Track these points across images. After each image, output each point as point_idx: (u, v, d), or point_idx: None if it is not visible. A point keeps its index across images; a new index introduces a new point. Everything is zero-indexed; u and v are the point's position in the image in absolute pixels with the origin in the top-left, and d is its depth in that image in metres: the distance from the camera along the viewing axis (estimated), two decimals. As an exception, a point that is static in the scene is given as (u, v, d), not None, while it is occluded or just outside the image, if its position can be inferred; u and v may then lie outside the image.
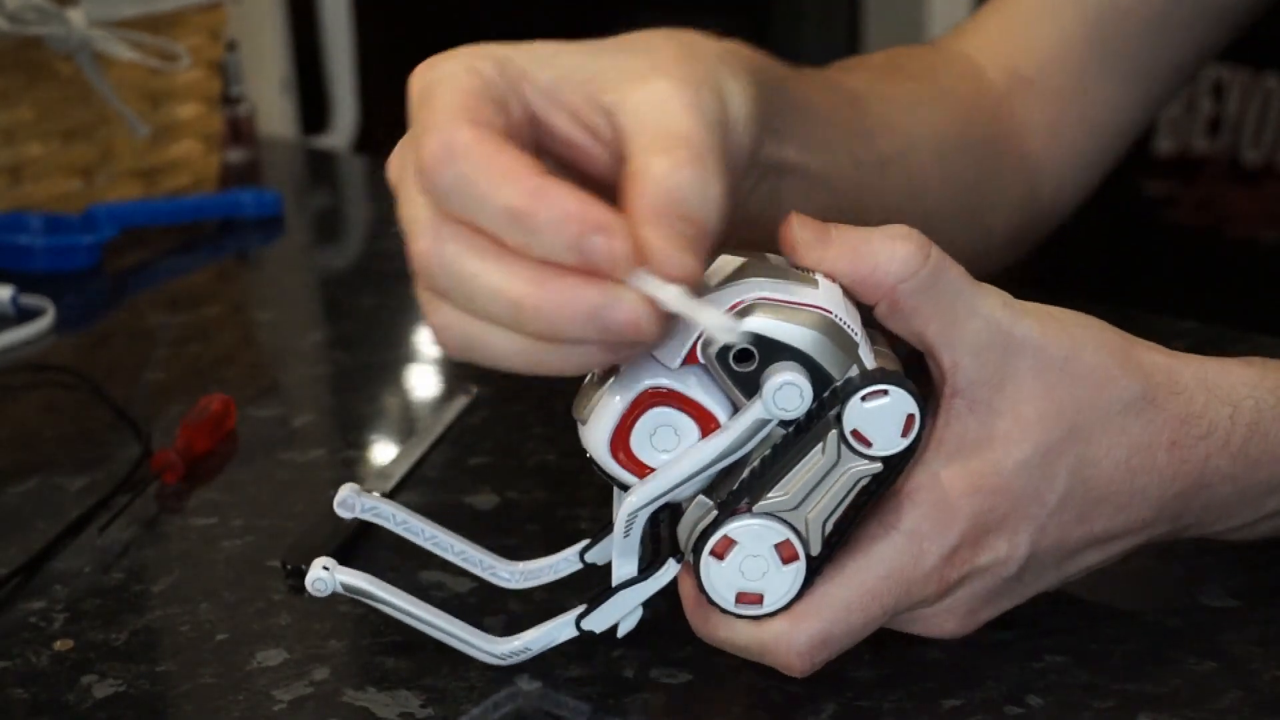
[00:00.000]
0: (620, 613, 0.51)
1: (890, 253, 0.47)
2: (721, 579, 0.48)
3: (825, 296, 0.46)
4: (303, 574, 0.58)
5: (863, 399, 0.46)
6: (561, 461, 0.68)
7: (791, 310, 0.46)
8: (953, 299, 0.48)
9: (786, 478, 0.47)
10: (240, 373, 0.83)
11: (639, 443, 0.47)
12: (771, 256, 0.49)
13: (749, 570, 0.48)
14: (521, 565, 0.54)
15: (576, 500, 0.63)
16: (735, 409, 0.47)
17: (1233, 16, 0.76)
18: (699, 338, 0.46)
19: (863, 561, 0.48)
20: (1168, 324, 0.79)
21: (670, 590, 0.50)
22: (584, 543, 0.53)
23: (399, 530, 0.53)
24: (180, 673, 0.54)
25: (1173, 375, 0.50)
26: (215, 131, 1.12)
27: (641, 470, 0.48)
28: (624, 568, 0.50)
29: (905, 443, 0.46)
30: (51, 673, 0.53)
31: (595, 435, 0.48)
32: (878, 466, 0.47)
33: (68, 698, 0.52)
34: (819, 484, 0.47)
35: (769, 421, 0.46)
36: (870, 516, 0.48)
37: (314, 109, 1.64)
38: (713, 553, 0.48)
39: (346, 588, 0.51)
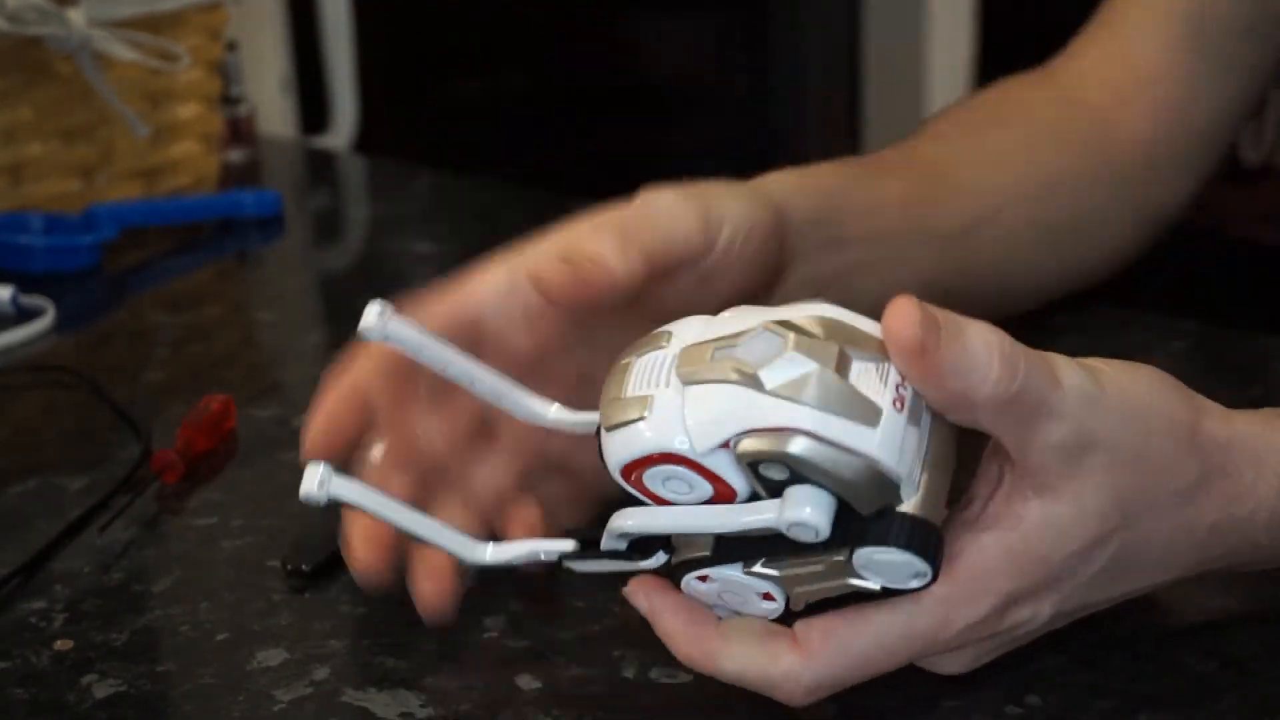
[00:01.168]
0: (597, 569, 0.50)
1: (983, 376, 0.44)
2: (699, 596, 0.48)
3: (882, 436, 0.44)
4: (303, 574, 0.58)
5: (870, 551, 0.45)
6: (561, 461, 0.67)
7: (842, 453, 0.43)
8: (1035, 408, 0.45)
9: (787, 562, 0.46)
10: (240, 373, 0.83)
11: (652, 479, 0.46)
12: (836, 316, 0.46)
13: (728, 598, 0.48)
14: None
15: (576, 500, 0.63)
16: (754, 495, 0.46)
17: None
18: (734, 439, 0.44)
19: (888, 618, 0.47)
20: (1168, 324, 0.79)
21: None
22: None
23: (424, 358, 0.50)
24: (180, 673, 0.54)
25: (1228, 455, 0.49)
26: (215, 131, 1.12)
27: (646, 493, 0.47)
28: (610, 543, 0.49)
29: (914, 585, 0.46)
30: (51, 673, 0.53)
31: (613, 453, 0.46)
32: (878, 590, 0.46)
33: (68, 698, 0.52)
34: (817, 578, 0.46)
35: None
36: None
37: (314, 109, 1.64)
38: (698, 577, 0.48)
39: (335, 498, 0.49)
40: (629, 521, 0.47)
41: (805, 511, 0.44)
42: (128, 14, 1.00)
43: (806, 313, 0.46)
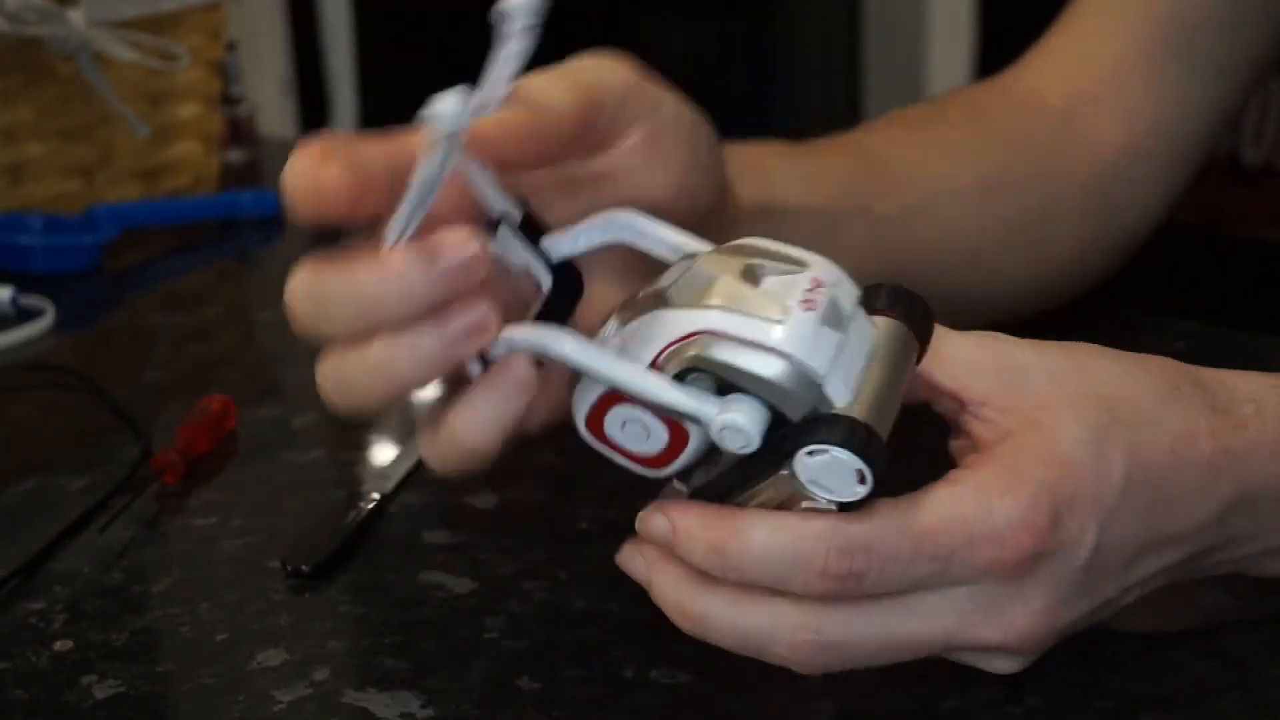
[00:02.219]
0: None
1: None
2: None
3: (792, 332, 0.44)
4: (303, 574, 0.58)
5: (809, 454, 0.44)
6: (561, 461, 0.68)
7: (753, 351, 0.44)
8: (938, 342, 0.48)
9: (748, 495, 0.46)
10: (240, 373, 0.83)
11: (612, 425, 0.47)
12: (759, 243, 0.47)
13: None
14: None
15: (576, 500, 0.63)
16: (706, 441, 0.46)
17: None
18: (660, 360, 0.45)
19: (923, 497, 0.46)
20: (1168, 324, 0.79)
21: None
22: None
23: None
24: (180, 673, 0.54)
25: (1190, 373, 0.50)
26: (215, 131, 1.12)
27: (610, 445, 0.48)
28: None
29: (862, 491, 0.45)
30: (51, 673, 0.53)
31: (577, 410, 0.48)
32: (832, 508, 0.46)
33: (68, 698, 0.52)
34: (772, 504, 0.46)
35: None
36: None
37: (314, 109, 1.65)
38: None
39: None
40: (566, 347, 0.45)
41: (732, 415, 0.44)
42: (128, 14, 1.00)
43: (733, 243, 0.48)
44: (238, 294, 1.00)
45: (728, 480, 0.46)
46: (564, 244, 0.50)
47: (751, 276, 0.46)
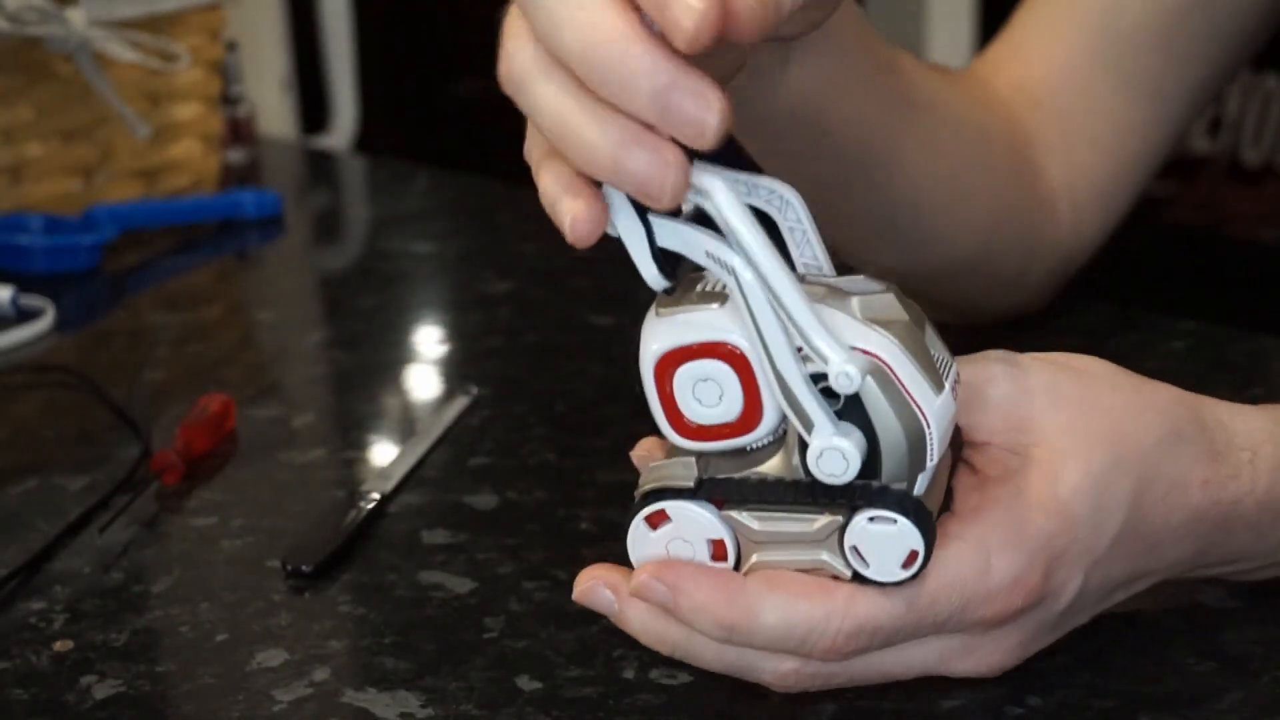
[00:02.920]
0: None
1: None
2: (645, 547, 0.47)
3: (940, 408, 0.44)
4: (303, 574, 0.58)
5: (870, 519, 0.44)
6: (561, 461, 0.68)
7: (904, 403, 0.44)
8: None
9: (771, 515, 0.45)
10: (240, 373, 0.83)
11: (684, 380, 0.45)
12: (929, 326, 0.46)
13: (674, 549, 0.46)
14: None
15: (576, 500, 0.63)
16: (774, 433, 0.45)
17: (1245, 34, 0.73)
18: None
19: (931, 564, 0.46)
20: (1168, 324, 0.79)
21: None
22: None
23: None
24: (180, 673, 0.54)
25: (1196, 410, 0.50)
26: (215, 131, 1.12)
27: (665, 397, 0.45)
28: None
29: (903, 575, 0.45)
30: (51, 673, 0.53)
31: (657, 337, 0.45)
32: (844, 574, 0.45)
33: (67, 698, 0.52)
34: (790, 541, 0.46)
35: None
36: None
37: (314, 109, 1.65)
38: (648, 519, 0.46)
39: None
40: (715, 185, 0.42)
41: (848, 442, 0.43)
42: (127, 14, 1.00)
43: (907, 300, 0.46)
44: (238, 294, 1.00)
45: (751, 489, 0.45)
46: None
47: (924, 331, 0.45)
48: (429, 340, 0.88)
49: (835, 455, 0.44)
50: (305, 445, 0.72)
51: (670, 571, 0.46)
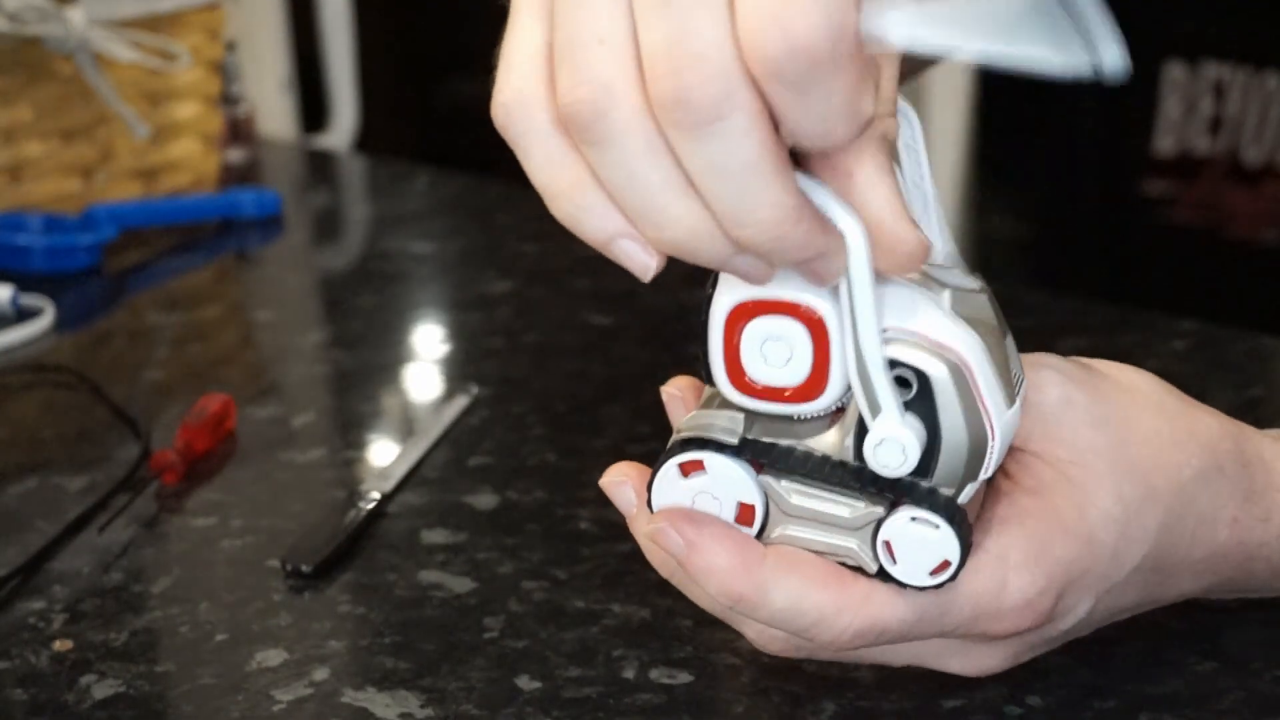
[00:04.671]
0: None
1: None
2: (670, 494, 0.45)
3: (1009, 421, 0.43)
4: (303, 574, 0.58)
5: (913, 518, 0.43)
6: (561, 461, 0.68)
7: (975, 408, 0.43)
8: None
9: (810, 489, 0.44)
10: (240, 373, 0.83)
11: (753, 335, 0.43)
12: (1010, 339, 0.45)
13: (700, 502, 0.45)
14: None
15: (576, 500, 0.63)
16: (838, 403, 0.44)
17: None
18: (891, 332, 0.42)
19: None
20: (1168, 324, 0.79)
21: (677, 589, 0.49)
22: None
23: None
24: (180, 673, 0.54)
25: (1239, 444, 0.49)
26: (215, 131, 1.12)
27: (730, 351, 0.43)
28: None
29: (929, 582, 0.44)
30: (51, 673, 0.53)
31: (729, 290, 0.43)
32: (872, 570, 0.44)
33: (67, 698, 0.52)
34: (821, 522, 0.44)
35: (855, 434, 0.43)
36: None
37: (314, 109, 1.64)
38: (681, 466, 0.44)
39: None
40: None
41: (910, 434, 0.42)
42: (127, 14, 1.00)
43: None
44: (237, 294, 1.00)
45: (798, 461, 0.44)
46: None
47: (1006, 340, 0.44)
48: (429, 340, 0.88)
49: (895, 446, 0.42)
50: (305, 445, 0.72)
51: (691, 526, 0.44)
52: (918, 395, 0.42)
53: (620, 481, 0.47)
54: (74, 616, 0.57)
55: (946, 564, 0.43)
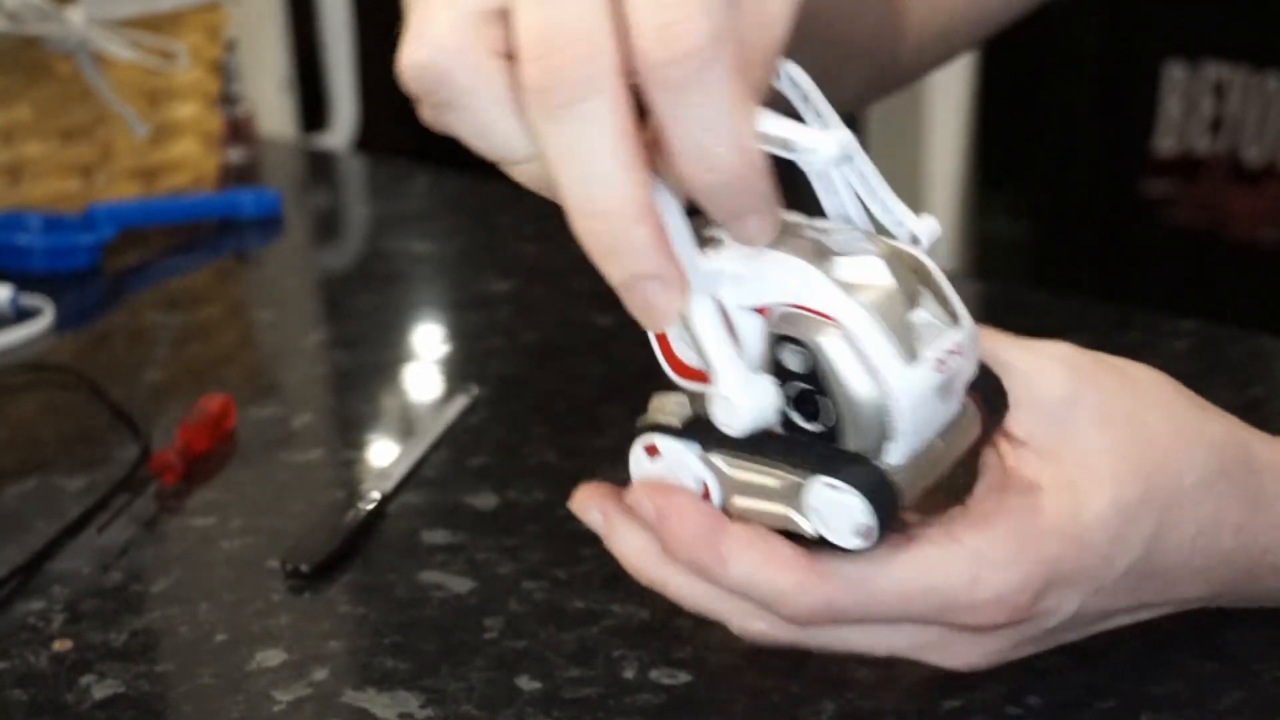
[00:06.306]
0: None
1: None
2: (643, 473, 0.46)
3: (911, 380, 0.43)
4: (303, 574, 0.58)
5: (827, 484, 0.43)
6: (561, 461, 0.68)
7: (866, 370, 0.43)
8: (1007, 364, 0.46)
9: (743, 462, 0.45)
10: (240, 373, 0.83)
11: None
12: (932, 270, 0.45)
13: (673, 479, 0.46)
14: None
15: (576, 500, 0.63)
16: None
17: None
18: (776, 308, 0.44)
19: (913, 563, 0.44)
20: (1168, 324, 0.79)
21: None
22: None
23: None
24: (180, 673, 0.54)
25: (1248, 450, 0.48)
26: (215, 131, 1.12)
27: (664, 341, 0.46)
28: None
29: (854, 545, 0.44)
30: (50, 673, 0.53)
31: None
32: (813, 536, 0.44)
33: (67, 698, 0.52)
34: (762, 494, 0.45)
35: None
36: (935, 518, 0.46)
37: (314, 109, 1.64)
38: (646, 449, 0.46)
39: None
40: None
41: (741, 393, 0.44)
42: (127, 13, 1.00)
43: (910, 249, 0.46)
44: (237, 294, 1.00)
45: (727, 436, 0.45)
46: None
47: (910, 299, 0.44)
48: (429, 340, 0.88)
49: (725, 404, 0.44)
50: (305, 445, 0.72)
51: (661, 496, 0.46)
52: (813, 365, 0.43)
53: (585, 506, 0.48)
54: (74, 616, 0.57)
55: (863, 528, 0.44)
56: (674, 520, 0.45)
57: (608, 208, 0.40)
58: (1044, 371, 0.46)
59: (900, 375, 0.43)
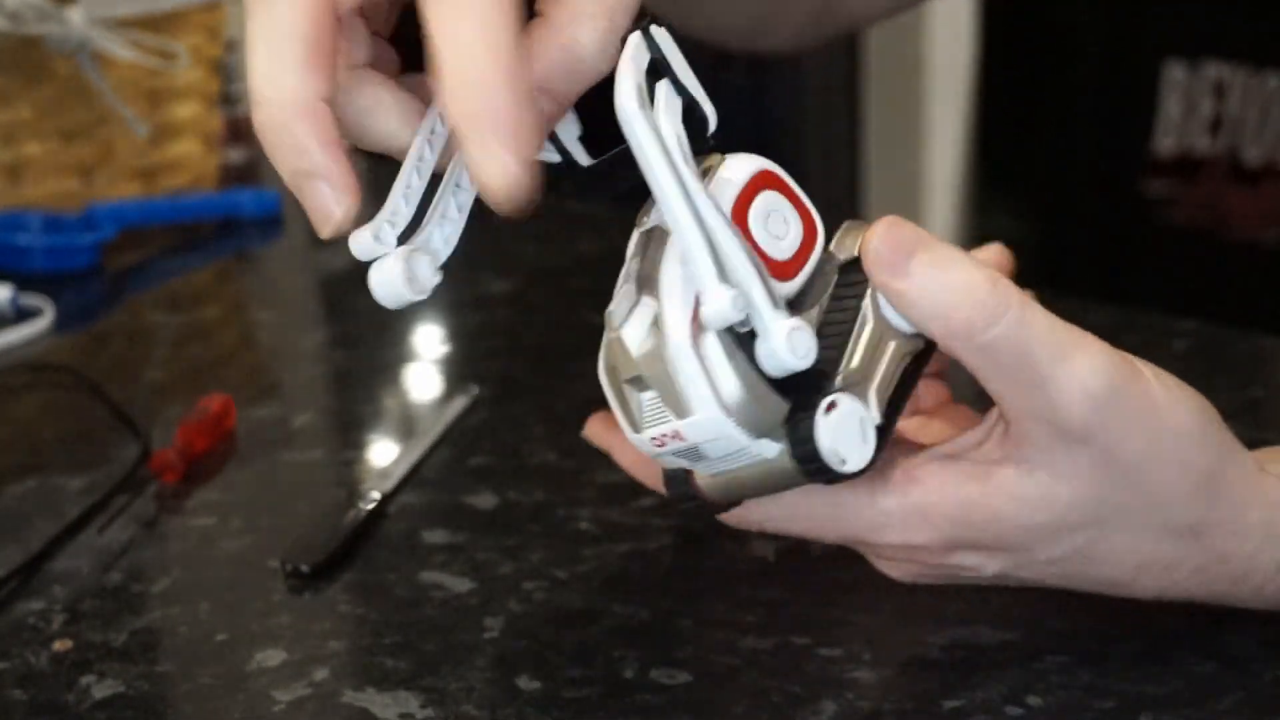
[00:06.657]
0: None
1: (947, 312, 0.44)
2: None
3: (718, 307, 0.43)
4: (303, 574, 0.58)
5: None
6: (561, 461, 0.68)
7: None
8: (1019, 369, 0.44)
9: (849, 347, 0.46)
10: (240, 373, 0.83)
11: (758, 211, 0.46)
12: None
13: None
14: None
15: (576, 500, 0.63)
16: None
17: None
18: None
19: (827, 493, 0.47)
20: (1168, 324, 0.79)
21: (677, 589, 0.49)
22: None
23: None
24: (180, 673, 0.54)
25: (1240, 514, 0.48)
26: (215, 131, 1.12)
27: (746, 231, 0.46)
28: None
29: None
30: (50, 673, 0.53)
31: (742, 166, 0.47)
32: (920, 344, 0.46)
33: (67, 698, 0.52)
34: (876, 353, 0.46)
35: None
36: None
37: (313, 109, 1.64)
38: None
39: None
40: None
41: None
42: (127, 13, 1.00)
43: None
44: (237, 294, 1.00)
45: (834, 349, 0.46)
46: None
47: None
48: (429, 340, 0.88)
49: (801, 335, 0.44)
50: (305, 445, 0.72)
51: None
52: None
53: (598, 431, 0.57)
54: (74, 617, 0.57)
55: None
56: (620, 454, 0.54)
57: (274, 99, 0.41)
58: (1070, 403, 0.45)
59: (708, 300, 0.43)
